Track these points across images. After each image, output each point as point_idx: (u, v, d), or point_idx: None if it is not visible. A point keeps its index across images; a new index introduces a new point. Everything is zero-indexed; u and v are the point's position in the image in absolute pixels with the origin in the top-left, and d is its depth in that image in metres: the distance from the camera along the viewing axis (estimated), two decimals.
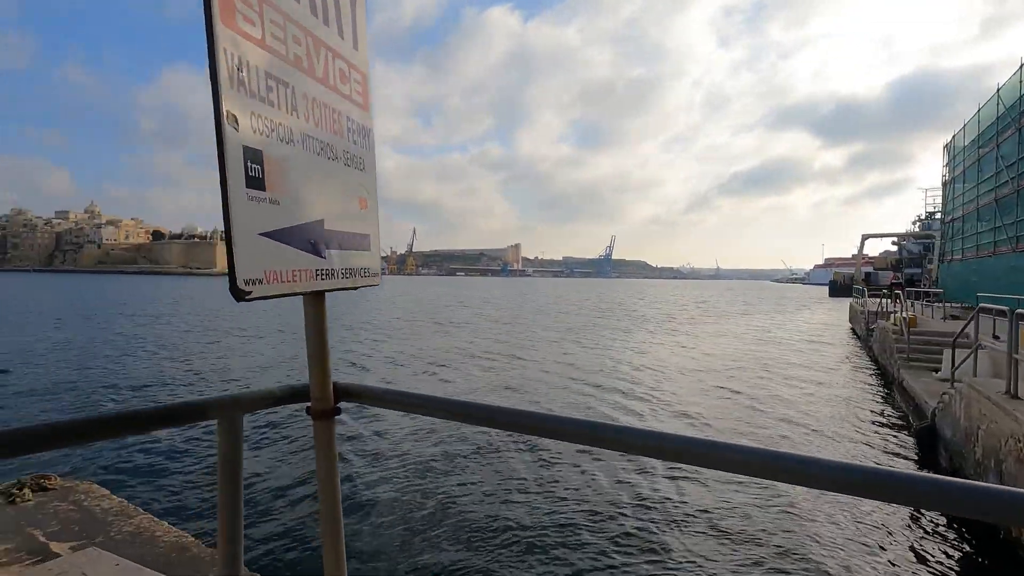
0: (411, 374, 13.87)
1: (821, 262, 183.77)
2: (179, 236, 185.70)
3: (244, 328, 22.60)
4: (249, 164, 0.91)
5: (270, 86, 0.97)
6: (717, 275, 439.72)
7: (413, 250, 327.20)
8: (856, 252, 67.96)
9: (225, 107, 0.86)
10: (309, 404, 1.22)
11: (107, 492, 5.19)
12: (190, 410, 1.06)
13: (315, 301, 1.18)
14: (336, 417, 1.23)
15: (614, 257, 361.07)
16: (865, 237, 63.29)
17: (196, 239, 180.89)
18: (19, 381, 11.61)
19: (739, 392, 11.72)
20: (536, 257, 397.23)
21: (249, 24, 0.91)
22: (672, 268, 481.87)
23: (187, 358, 15.22)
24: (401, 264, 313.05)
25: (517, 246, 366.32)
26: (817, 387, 12.51)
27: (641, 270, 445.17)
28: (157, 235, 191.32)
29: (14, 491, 4.99)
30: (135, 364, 14.17)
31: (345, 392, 1.24)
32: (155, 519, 4.78)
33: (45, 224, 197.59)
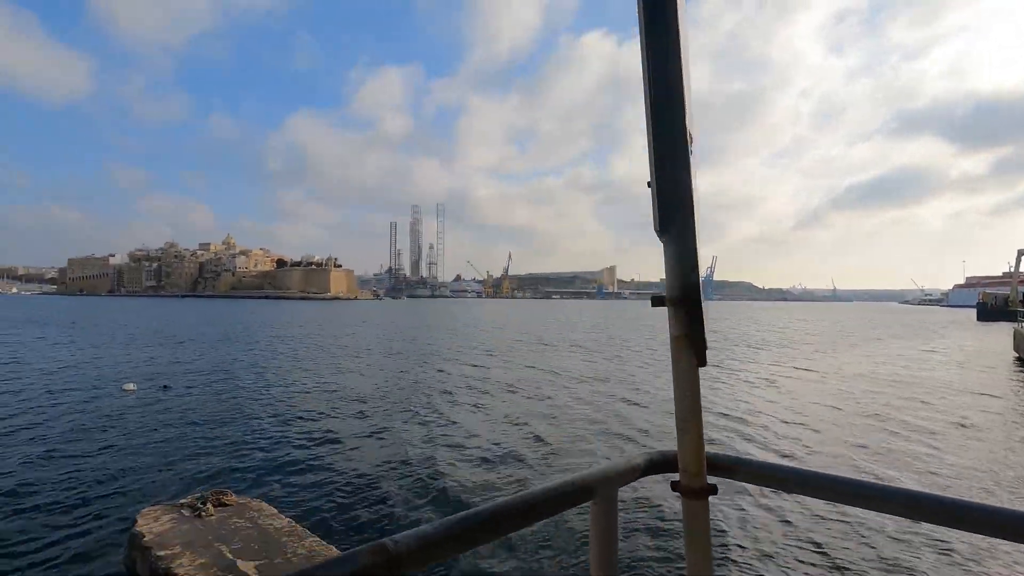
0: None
1: (962, 281, 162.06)
2: (299, 264, 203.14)
3: (366, 346, 23.98)
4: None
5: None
6: (835, 296, 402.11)
7: (508, 273, 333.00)
8: (1011, 269, 59.16)
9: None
10: (675, 478, 1.09)
11: (276, 511, 5.44)
12: (573, 490, 0.95)
13: (688, 346, 1.03)
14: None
15: (716, 278, 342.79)
16: (1022, 252, 54.88)
17: (313, 266, 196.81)
18: (221, 395, 12.90)
19: (923, 433, 10.20)
20: (632, 279, 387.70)
21: None
22: (780, 289, 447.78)
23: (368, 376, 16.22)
24: (497, 287, 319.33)
25: (612, 268, 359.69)
26: (1010, 428, 10.68)
27: (746, 291, 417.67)
28: (280, 263, 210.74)
29: (199, 505, 5.39)
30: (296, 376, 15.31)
31: (717, 464, 1.09)
32: (323, 542, 4.93)
33: (191, 255, 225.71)
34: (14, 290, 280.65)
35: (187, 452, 8.37)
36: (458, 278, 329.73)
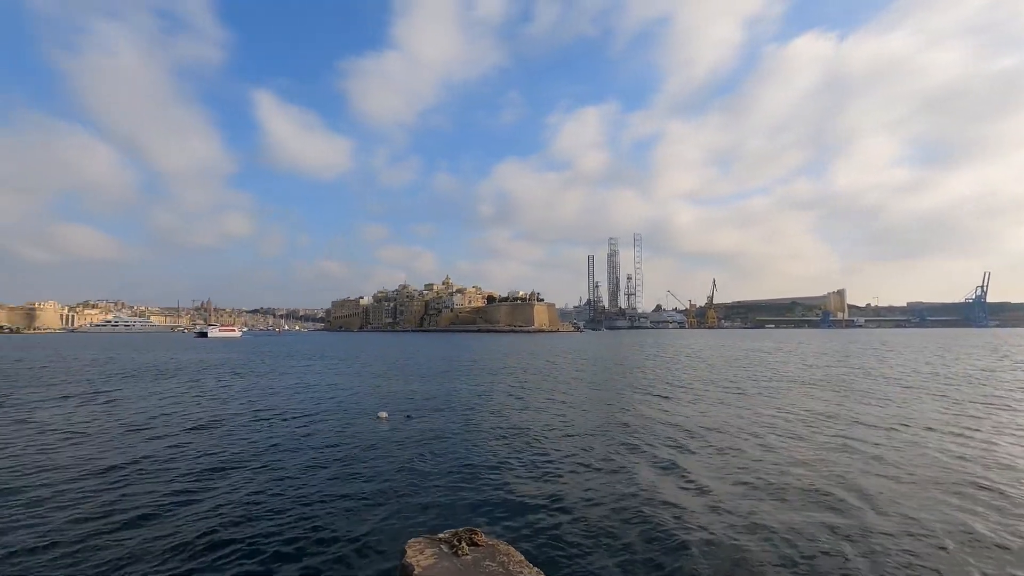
0: None
1: None
2: (506, 299, 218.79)
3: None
4: None
5: None
6: None
7: (714, 302, 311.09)
8: None
9: None
10: None
11: (523, 559, 5.45)
12: None
13: None
14: None
15: (990, 299, 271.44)
16: None
17: (518, 301, 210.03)
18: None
19: None
20: (868, 304, 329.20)
21: None
22: None
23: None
24: (701, 316, 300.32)
25: (840, 292, 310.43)
26: None
27: None
28: (490, 299, 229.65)
29: (455, 543, 5.67)
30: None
31: None
32: None
33: (418, 295, 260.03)
34: (297, 327, 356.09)
35: (435, 484, 9.11)
36: (658, 308, 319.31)
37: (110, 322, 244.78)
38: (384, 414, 15.63)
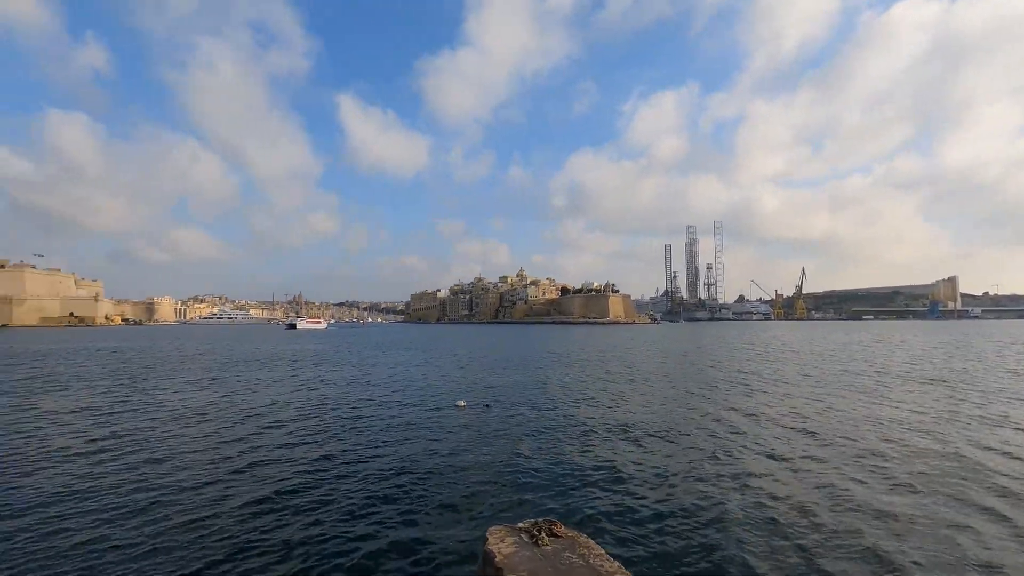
0: None
1: None
2: (579, 291, 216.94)
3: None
4: None
5: None
6: None
7: (803, 291, 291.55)
8: None
9: None
10: None
11: (603, 552, 5.38)
12: None
13: None
14: None
15: None
16: None
17: (592, 292, 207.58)
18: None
19: None
20: (986, 293, 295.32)
21: None
22: None
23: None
24: (789, 307, 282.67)
25: (951, 280, 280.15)
26: None
27: None
28: (564, 291, 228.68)
29: (535, 532, 5.70)
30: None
31: None
32: None
33: (493, 287, 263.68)
34: (379, 320, 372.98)
35: (511, 472, 9.22)
36: (741, 299, 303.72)
37: (216, 315, 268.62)
38: (463, 403, 16.01)
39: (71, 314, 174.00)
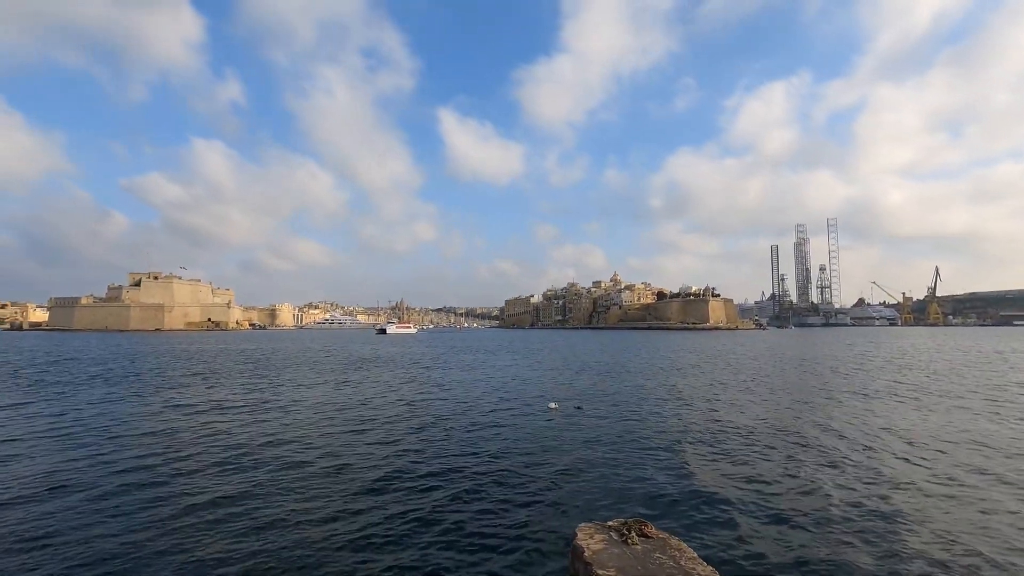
0: None
1: None
2: (677, 295, 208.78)
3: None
4: None
5: None
6: None
7: (936, 294, 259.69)
8: None
9: None
10: None
11: (695, 555, 5.17)
12: None
13: None
14: None
15: None
16: None
17: (691, 297, 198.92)
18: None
19: None
20: None
21: None
22: None
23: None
24: (920, 311, 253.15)
25: None
26: None
27: None
28: (661, 295, 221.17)
29: (625, 532, 5.62)
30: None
31: None
32: None
33: (587, 292, 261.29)
34: (475, 324, 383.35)
35: (601, 473, 9.12)
36: (860, 303, 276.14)
37: (327, 320, 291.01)
38: (554, 404, 16.05)
39: (209, 319, 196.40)
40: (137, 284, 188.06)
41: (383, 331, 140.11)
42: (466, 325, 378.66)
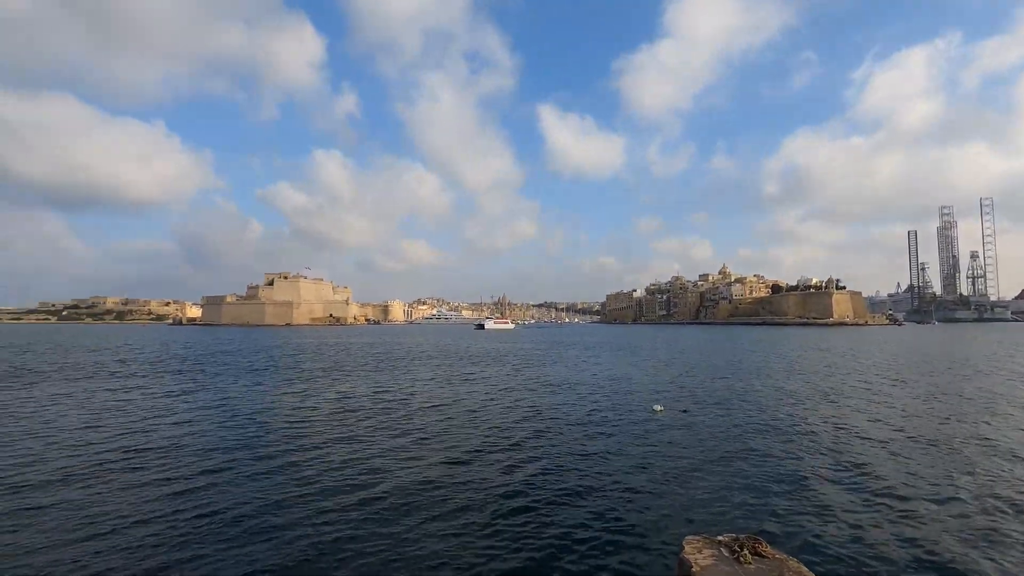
0: None
1: None
2: (795, 288, 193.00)
3: None
4: None
5: None
6: None
7: None
8: None
9: None
10: None
11: None
12: None
13: None
14: None
15: None
16: None
17: (811, 290, 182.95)
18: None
19: None
20: None
21: None
22: None
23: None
24: None
25: None
26: None
27: None
28: (776, 288, 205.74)
29: (736, 548, 5.39)
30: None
31: None
32: None
33: (693, 286, 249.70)
34: (576, 320, 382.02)
35: (710, 482, 8.75)
36: None
37: (434, 316, 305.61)
38: (659, 407, 15.61)
39: (330, 315, 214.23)
40: (270, 284, 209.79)
41: (481, 327, 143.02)
42: (567, 320, 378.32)
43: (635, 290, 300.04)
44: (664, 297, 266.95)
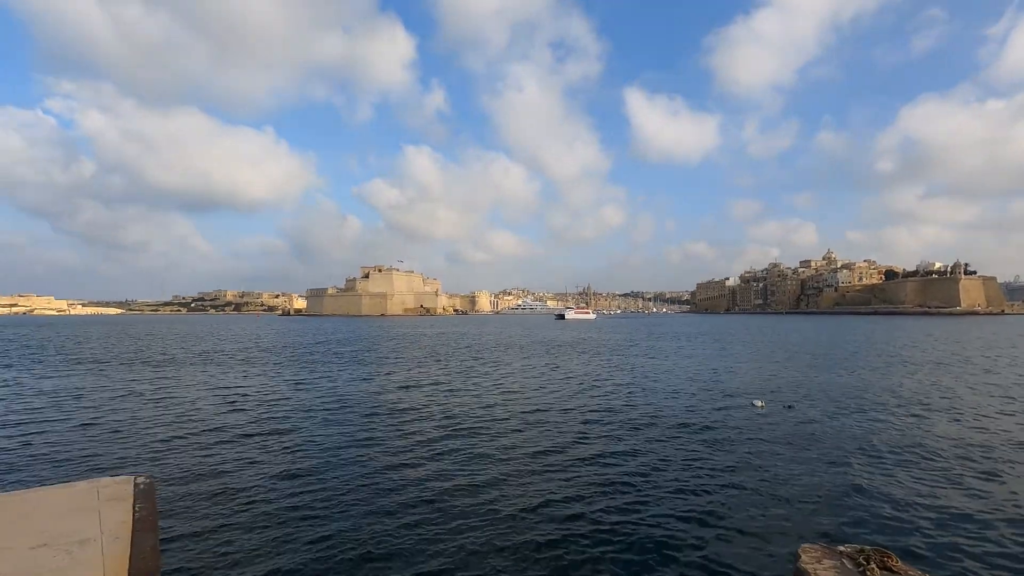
0: None
1: None
2: (914, 273, 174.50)
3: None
4: None
5: None
6: None
7: None
8: None
9: None
10: None
11: None
12: None
13: None
14: None
15: None
16: None
17: (933, 275, 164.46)
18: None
19: None
20: None
21: None
22: None
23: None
24: None
25: None
26: None
27: None
28: (890, 274, 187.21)
29: (861, 561, 4.98)
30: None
31: None
32: None
33: (792, 273, 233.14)
34: (665, 309, 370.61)
35: (821, 485, 8.15)
36: None
37: (520, 306, 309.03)
38: (760, 402, 14.77)
39: (421, 306, 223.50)
40: (366, 276, 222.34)
41: (562, 316, 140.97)
42: (654, 310, 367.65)
43: (728, 278, 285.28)
44: (760, 285, 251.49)
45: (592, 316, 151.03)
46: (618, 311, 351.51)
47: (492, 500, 7.61)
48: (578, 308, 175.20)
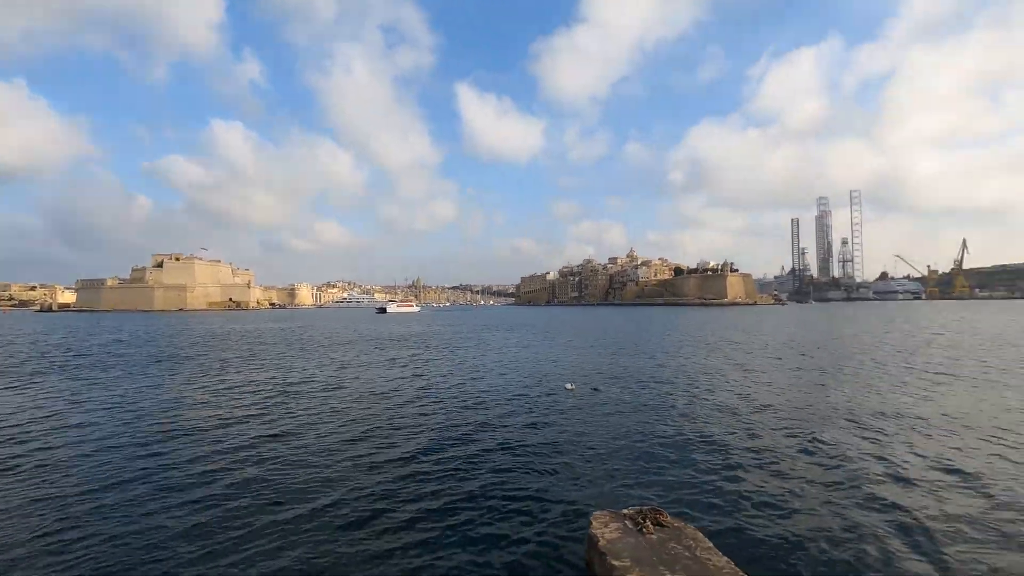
0: None
1: None
2: (695, 271, 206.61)
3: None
4: None
5: None
6: None
7: (963, 267, 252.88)
8: None
9: None
10: None
11: (711, 546, 5.21)
12: None
13: None
14: None
15: None
16: None
17: (709, 272, 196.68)
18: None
19: None
20: None
21: None
22: None
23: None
24: (945, 285, 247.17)
25: None
26: None
27: None
28: (678, 271, 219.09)
29: (640, 520, 5.66)
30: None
31: None
32: None
33: (603, 269, 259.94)
34: (491, 302, 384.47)
35: (618, 458, 9.19)
36: (884, 276, 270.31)
37: (345, 299, 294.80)
38: (571, 385, 16.12)
39: (230, 299, 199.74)
40: (159, 265, 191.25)
41: (383, 310, 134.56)
42: (482, 303, 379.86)
43: (549, 272, 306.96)
44: (576, 279, 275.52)
45: (416, 309, 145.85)
46: (447, 304, 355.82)
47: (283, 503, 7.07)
48: (401, 301, 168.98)
